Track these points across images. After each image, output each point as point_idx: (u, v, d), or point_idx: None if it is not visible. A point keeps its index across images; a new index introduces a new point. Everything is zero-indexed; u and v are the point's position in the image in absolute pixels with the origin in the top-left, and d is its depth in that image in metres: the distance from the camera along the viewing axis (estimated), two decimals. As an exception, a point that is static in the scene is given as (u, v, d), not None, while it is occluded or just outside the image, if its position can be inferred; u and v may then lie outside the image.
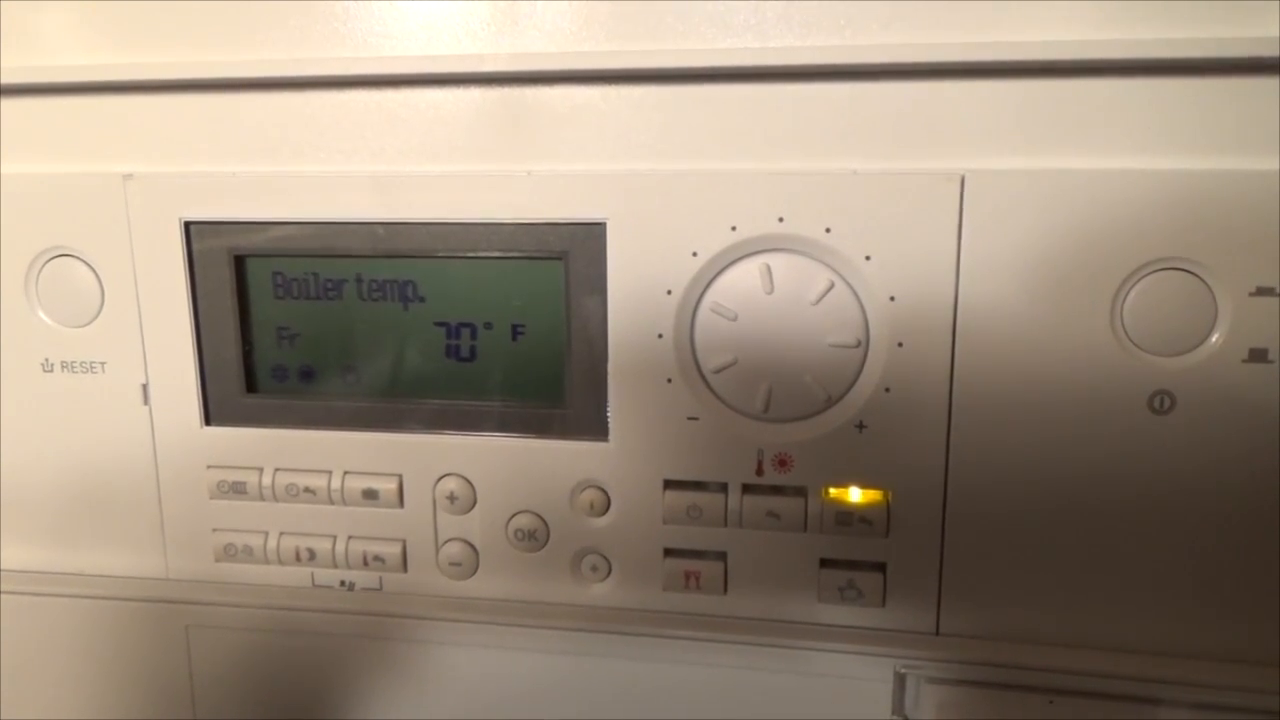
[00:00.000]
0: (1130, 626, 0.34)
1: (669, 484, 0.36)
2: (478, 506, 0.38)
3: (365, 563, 0.39)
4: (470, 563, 0.38)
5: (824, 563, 0.36)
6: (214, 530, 0.40)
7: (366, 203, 0.36)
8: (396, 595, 0.39)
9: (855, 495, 0.35)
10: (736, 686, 0.37)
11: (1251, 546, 0.33)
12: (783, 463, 0.35)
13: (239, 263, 0.37)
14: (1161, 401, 0.32)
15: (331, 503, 0.38)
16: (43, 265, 0.38)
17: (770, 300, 0.33)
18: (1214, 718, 0.33)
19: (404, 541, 0.39)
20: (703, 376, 0.35)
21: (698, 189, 0.33)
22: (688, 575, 0.37)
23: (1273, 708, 0.33)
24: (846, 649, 0.36)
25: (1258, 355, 0.31)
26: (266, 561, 0.40)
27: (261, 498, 0.39)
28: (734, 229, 0.33)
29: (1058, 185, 0.31)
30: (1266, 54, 0.29)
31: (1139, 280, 0.31)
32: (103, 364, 0.39)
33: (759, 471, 0.35)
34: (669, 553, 0.37)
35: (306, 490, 0.38)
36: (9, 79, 0.36)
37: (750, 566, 0.36)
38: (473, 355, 0.37)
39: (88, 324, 0.39)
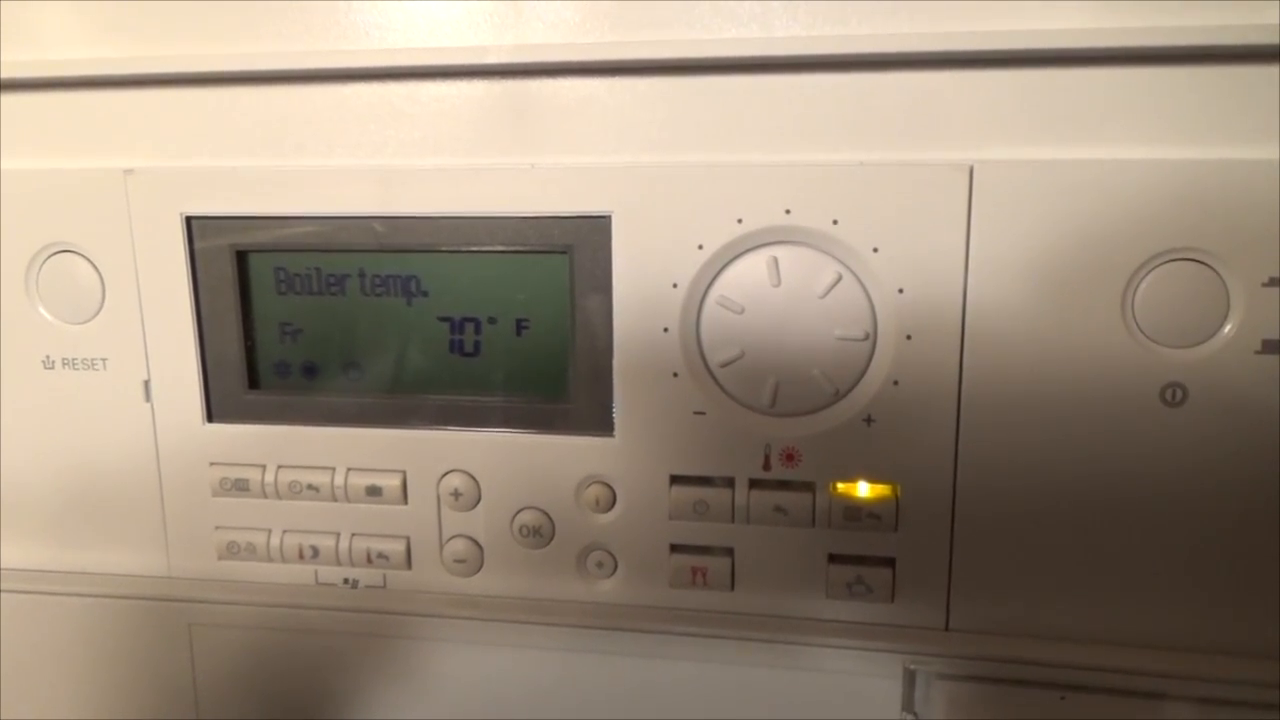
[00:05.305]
0: (1142, 621, 0.34)
1: (675, 479, 0.36)
2: (482, 503, 0.37)
3: (369, 560, 0.39)
4: (475, 560, 0.38)
5: (832, 558, 0.35)
6: (216, 528, 0.39)
7: (369, 197, 0.35)
8: (400, 593, 0.39)
9: (864, 490, 0.35)
10: (744, 683, 0.37)
11: (1264, 539, 0.32)
12: (790, 457, 0.35)
13: (241, 258, 0.37)
14: (1173, 394, 0.32)
15: (335, 500, 0.38)
16: (43, 261, 0.38)
17: (777, 293, 0.33)
18: (1227, 713, 0.33)
19: (408, 538, 0.38)
20: (709, 370, 0.34)
21: (703, 181, 0.33)
22: (694, 571, 0.36)
23: (1287, 703, 0.33)
24: (855, 645, 0.35)
25: (1271, 346, 0.31)
26: (269, 559, 0.39)
27: (264, 495, 0.39)
28: (740, 221, 0.33)
29: (1067, 175, 0.31)
30: (1277, 41, 0.29)
31: (1150, 271, 0.31)
32: (104, 361, 0.38)
33: (766, 466, 0.35)
34: (675, 549, 0.37)
35: (309, 487, 0.38)
36: (9, 74, 0.36)
37: (757, 562, 0.36)
38: (477, 350, 0.36)
39: (89, 320, 0.38)
